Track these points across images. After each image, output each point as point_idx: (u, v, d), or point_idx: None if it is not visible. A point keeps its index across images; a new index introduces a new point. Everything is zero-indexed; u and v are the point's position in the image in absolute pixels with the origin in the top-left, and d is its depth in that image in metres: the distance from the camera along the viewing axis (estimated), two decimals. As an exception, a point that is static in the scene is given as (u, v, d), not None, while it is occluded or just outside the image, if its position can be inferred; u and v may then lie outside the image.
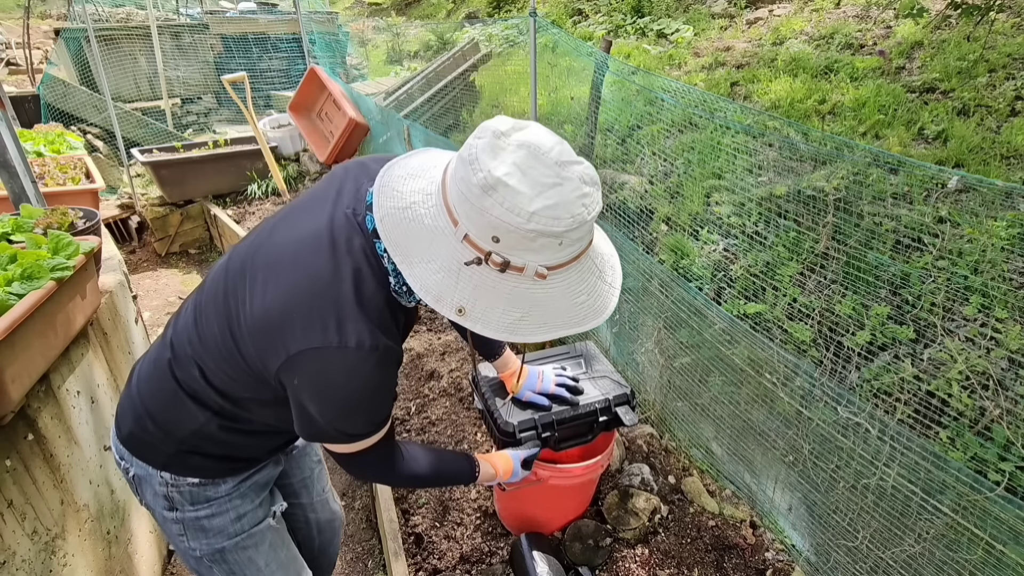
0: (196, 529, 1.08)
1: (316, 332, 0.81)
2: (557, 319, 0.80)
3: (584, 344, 1.80)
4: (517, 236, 0.72)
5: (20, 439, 1.26)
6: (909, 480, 1.45)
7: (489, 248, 0.74)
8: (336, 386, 0.85)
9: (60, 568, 1.31)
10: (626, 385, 1.63)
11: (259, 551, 1.15)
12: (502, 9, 8.09)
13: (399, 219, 0.80)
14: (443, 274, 0.77)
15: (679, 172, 2.80)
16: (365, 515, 2.18)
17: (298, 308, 0.83)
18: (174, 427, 1.01)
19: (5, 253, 1.36)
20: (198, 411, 0.99)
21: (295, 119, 5.19)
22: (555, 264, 0.77)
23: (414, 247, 0.78)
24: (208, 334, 0.94)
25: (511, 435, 1.48)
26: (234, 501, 1.10)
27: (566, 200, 0.72)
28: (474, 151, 0.74)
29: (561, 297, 0.80)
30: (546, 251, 0.75)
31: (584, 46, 2.71)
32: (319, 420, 0.89)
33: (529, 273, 0.76)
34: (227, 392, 0.97)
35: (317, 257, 0.85)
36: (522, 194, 0.71)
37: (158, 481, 1.04)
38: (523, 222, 0.71)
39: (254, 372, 0.90)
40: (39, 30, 9.93)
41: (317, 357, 0.81)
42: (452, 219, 0.76)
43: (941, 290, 1.82)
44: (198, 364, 0.97)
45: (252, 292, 0.88)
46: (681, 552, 1.80)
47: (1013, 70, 2.79)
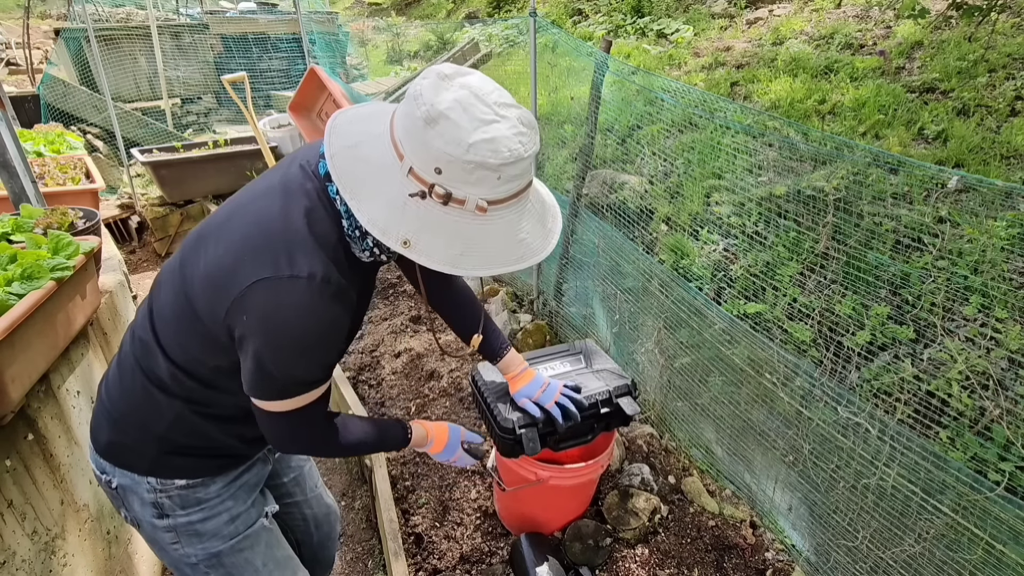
0: (190, 535, 1.06)
1: (267, 265, 0.81)
2: (497, 256, 0.84)
3: (585, 342, 1.79)
4: (457, 167, 0.76)
5: (20, 439, 1.26)
6: (909, 480, 1.45)
7: (432, 180, 0.78)
8: (287, 320, 0.82)
9: (60, 568, 1.31)
10: (627, 376, 1.62)
11: (255, 552, 1.14)
12: (502, 9, 8.09)
13: (348, 157, 0.83)
14: (389, 208, 0.80)
15: (679, 172, 2.80)
16: (365, 515, 2.18)
17: (248, 249, 0.83)
18: (150, 424, 0.99)
19: (5, 253, 1.36)
20: (170, 402, 0.97)
21: (295, 119, 5.18)
22: (495, 199, 0.80)
23: (362, 183, 0.81)
24: (165, 307, 0.95)
25: (511, 432, 1.48)
26: (226, 503, 1.08)
27: (503, 135, 0.77)
28: (419, 88, 0.78)
29: (501, 234, 0.83)
30: (485, 184, 0.78)
31: (584, 46, 2.71)
32: (266, 363, 0.85)
33: (470, 207, 0.79)
34: (189, 368, 0.95)
35: (268, 203, 0.87)
36: (462, 127, 0.75)
37: (145, 488, 1.01)
38: (462, 152, 0.75)
39: (209, 332, 0.89)
40: (39, 30, 9.93)
41: (267, 288, 0.81)
42: (398, 154, 0.80)
43: (941, 290, 1.82)
44: (160, 343, 0.95)
45: (205, 252, 0.88)
46: (681, 552, 1.80)
47: (1013, 70, 2.79)
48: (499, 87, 0.83)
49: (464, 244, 0.82)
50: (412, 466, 2.22)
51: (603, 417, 1.57)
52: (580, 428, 1.56)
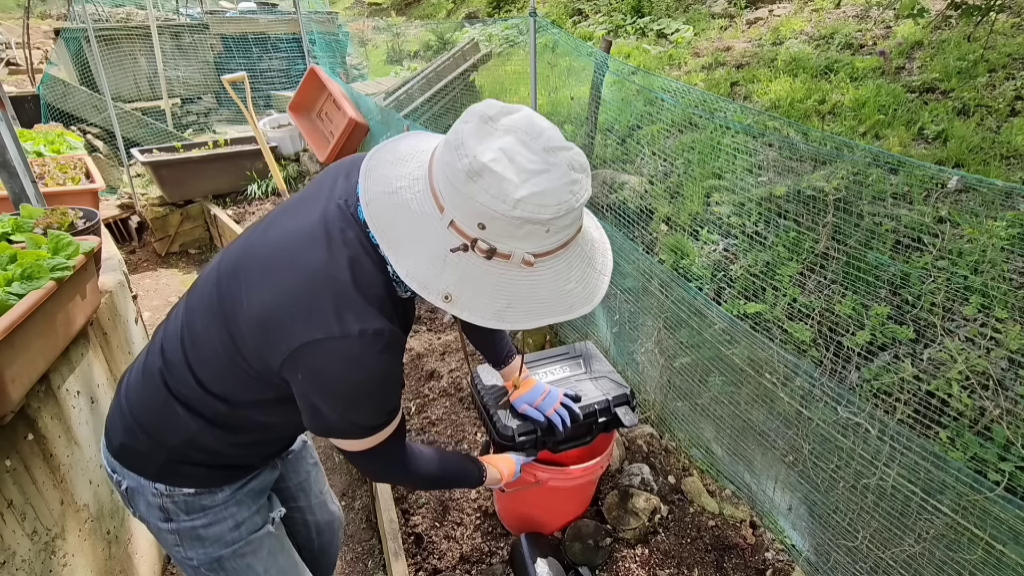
0: (192, 539, 1.06)
1: (317, 324, 0.79)
2: (545, 307, 0.79)
3: (584, 344, 1.80)
4: (503, 223, 0.71)
5: (20, 439, 1.26)
6: (909, 480, 1.45)
7: (475, 235, 0.73)
8: (342, 377, 0.82)
9: (60, 568, 1.31)
10: (626, 385, 1.63)
11: (257, 558, 1.13)
12: (502, 9, 8.10)
13: (386, 204, 0.78)
14: (429, 261, 0.76)
15: (679, 172, 2.80)
16: (365, 515, 2.18)
17: (296, 302, 0.81)
18: (165, 436, 0.99)
19: (5, 253, 1.36)
20: (191, 420, 0.97)
21: (295, 119, 5.19)
22: (542, 252, 0.76)
23: (401, 233, 0.77)
24: (204, 339, 0.93)
25: (510, 439, 1.48)
26: (230, 509, 1.08)
27: (554, 187, 0.71)
28: (460, 135, 0.72)
29: (549, 285, 0.79)
30: (533, 238, 0.74)
31: (584, 46, 2.71)
32: (328, 414, 0.87)
33: (516, 261, 0.75)
34: (227, 397, 0.95)
35: (312, 251, 0.83)
36: (508, 180, 0.70)
37: (151, 492, 1.02)
38: (509, 209, 0.69)
39: (256, 372, 0.89)
40: (39, 30, 9.93)
41: (320, 349, 0.79)
42: (438, 205, 0.75)
43: (941, 290, 1.82)
44: (192, 370, 0.95)
45: (248, 291, 0.86)
46: (681, 552, 1.80)
47: (1013, 70, 2.79)
48: (549, 125, 0.76)
49: (508, 298, 0.77)
50: (412, 466, 2.22)
51: (601, 424, 1.58)
52: (579, 430, 1.57)
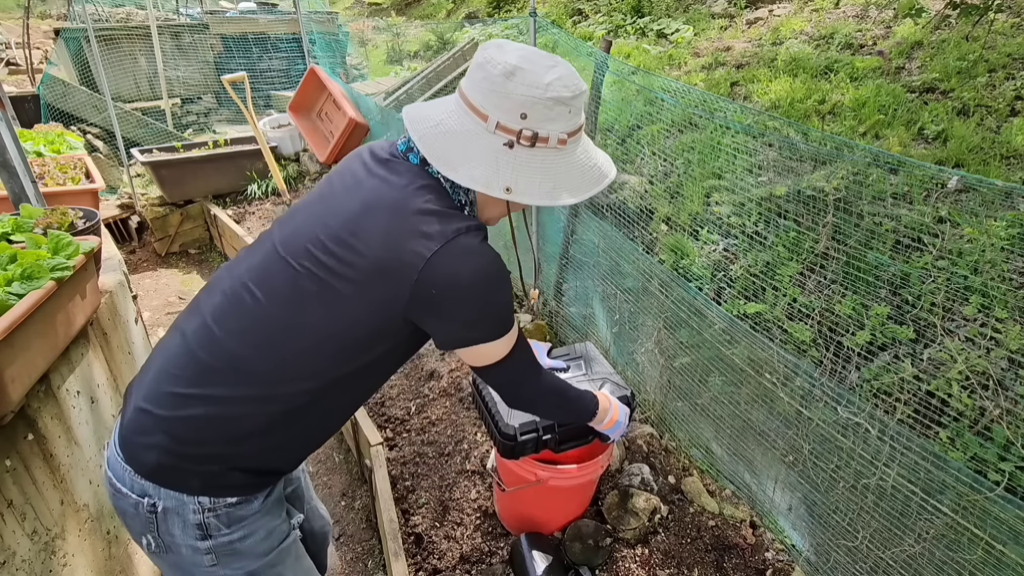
0: (229, 554, 1.04)
1: (433, 238, 0.90)
2: (581, 182, 0.98)
3: (584, 345, 1.79)
4: (540, 107, 0.90)
5: (20, 439, 1.26)
6: (909, 480, 1.45)
7: (519, 126, 0.91)
8: (471, 270, 0.91)
9: (60, 568, 1.31)
10: (626, 387, 1.61)
11: (286, 566, 1.13)
12: (502, 9, 8.09)
13: (435, 135, 0.95)
14: (485, 165, 0.92)
15: (679, 172, 2.79)
16: (365, 515, 2.18)
17: (402, 236, 0.91)
18: (228, 435, 0.97)
19: (5, 253, 1.36)
20: (262, 407, 0.97)
21: (295, 119, 5.19)
22: (570, 131, 0.95)
23: (455, 153, 0.93)
24: (281, 318, 0.95)
25: (512, 438, 1.49)
26: (263, 519, 1.07)
27: (568, 73, 0.92)
28: (485, 55, 0.92)
29: (581, 162, 0.98)
30: (561, 119, 0.92)
31: (584, 46, 2.71)
32: (471, 318, 0.95)
33: (553, 143, 0.93)
34: (327, 371, 0.97)
35: (394, 193, 0.95)
36: (537, 72, 0.90)
37: (193, 509, 0.98)
38: (542, 92, 0.89)
39: (375, 324, 0.94)
40: (39, 30, 9.93)
41: (445, 254, 0.89)
42: (481, 116, 0.92)
43: (941, 290, 1.82)
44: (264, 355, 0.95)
45: (346, 255, 0.92)
46: (681, 552, 1.80)
47: (1013, 70, 2.79)
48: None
49: (553, 180, 0.95)
50: (412, 466, 2.22)
51: None
52: (579, 431, 1.57)
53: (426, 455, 2.24)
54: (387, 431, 2.43)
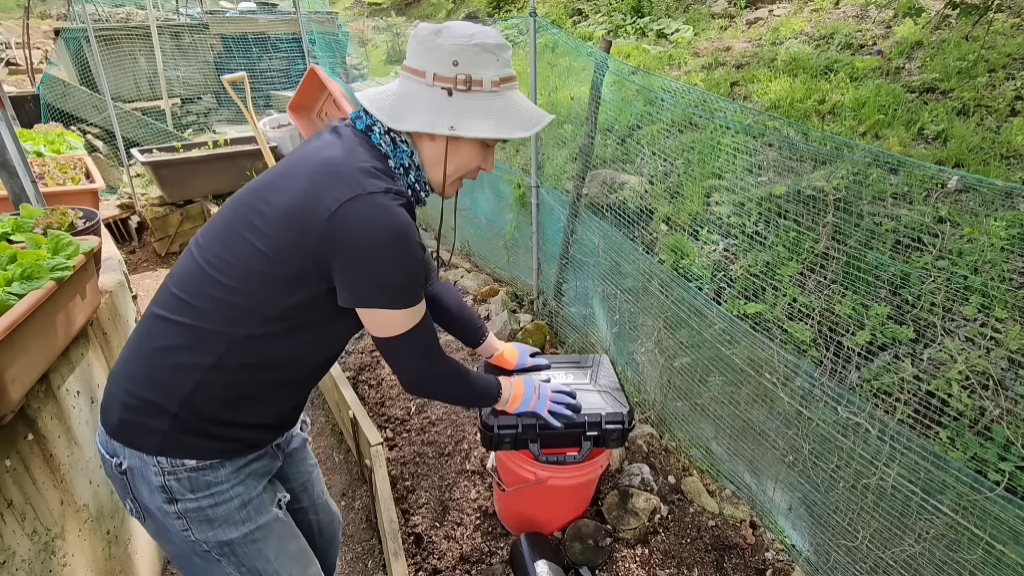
0: (200, 520, 1.07)
1: (348, 187, 0.96)
2: (521, 120, 1.08)
3: (599, 356, 1.76)
4: (468, 53, 1.02)
5: (20, 439, 1.26)
6: (909, 480, 1.45)
7: (453, 72, 1.03)
8: (377, 228, 0.96)
9: (60, 568, 1.31)
10: (625, 404, 1.56)
11: (268, 543, 1.15)
12: (502, 9, 8.09)
13: (382, 98, 1.08)
14: (429, 112, 1.05)
15: (679, 172, 2.79)
16: (365, 515, 2.18)
17: (324, 183, 0.98)
18: (173, 392, 1.01)
19: (5, 253, 1.36)
20: (201, 356, 1.01)
21: (295, 119, 5.18)
22: (502, 77, 1.06)
23: (399, 109, 1.06)
24: (217, 259, 1.01)
25: (490, 428, 1.48)
26: (236, 488, 1.09)
27: (491, 32, 1.05)
28: (418, 30, 1.06)
29: (516, 106, 1.09)
30: (491, 66, 1.05)
31: (584, 46, 2.71)
32: (372, 276, 0.99)
33: (487, 86, 1.05)
34: (253, 311, 1.01)
35: (327, 151, 1.04)
36: (462, 29, 1.04)
37: (154, 471, 1.02)
38: (467, 40, 1.02)
39: (291, 266, 0.98)
40: (39, 30, 9.92)
41: (355, 205, 0.95)
42: (419, 74, 1.06)
43: (941, 290, 1.82)
44: (203, 302, 1.01)
45: (271, 200, 1.00)
46: (681, 552, 1.80)
47: (1013, 70, 2.79)
48: None
49: (495, 118, 1.06)
50: (412, 466, 2.22)
51: (590, 437, 1.54)
52: (565, 439, 1.54)
53: (426, 455, 2.24)
54: (387, 431, 2.43)
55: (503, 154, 3.87)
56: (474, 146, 1.11)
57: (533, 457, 1.54)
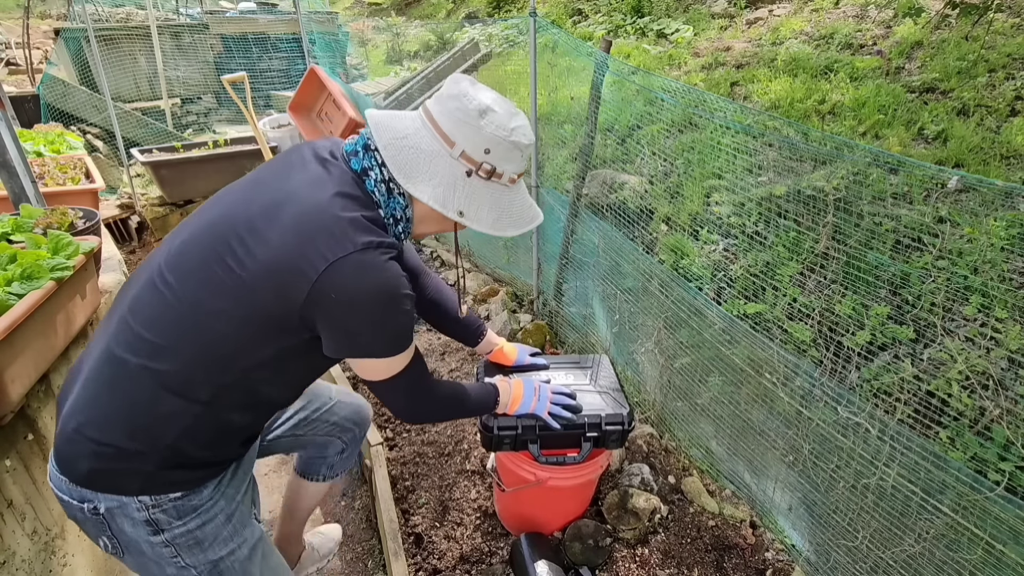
0: (190, 545, 1.04)
1: (338, 245, 0.91)
2: (521, 218, 1.10)
3: (599, 356, 1.76)
4: (503, 147, 1.01)
5: (20, 439, 1.26)
6: (909, 480, 1.45)
7: (481, 159, 1.01)
8: (367, 284, 0.93)
9: (60, 568, 1.31)
10: (625, 405, 1.56)
11: (253, 561, 1.13)
12: (502, 9, 8.09)
13: (400, 146, 1.00)
14: (444, 186, 1.01)
15: (679, 172, 2.79)
16: (365, 515, 2.18)
17: (314, 234, 0.92)
18: (156, 438, 0.96)
19: (5, 253, 1.36)
20: (187, 404, 0.96)
21: (295, 119, 5.18)
22: (518, 172, 1.07)
23: (415, 168, 1.00)
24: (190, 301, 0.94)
25: (489, 429, 1.48)
26: (219, 504, 1.07)
27: (526, 125, 1.05)
28: (461, 88, 1.01)
29: (520, 201, 1.10)
30: (515, 161, 1.05)
31: (584, 46, 2.71)
32: (361, 330, 0.98)
33: (505, 179, 1.05)
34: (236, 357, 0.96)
35: (317, 193, 0.96)
36: (504, 117, 1.01)
37: (135, 508, 0.98)
38: (507, 135, 1.01)
39: (272, 317, 0.93)
40: (39, 30, 9.92)
41: (345, 264, 0.91)
42: (447, 142, 1.00)
43: (941, 290, 1.82)
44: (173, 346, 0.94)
45: (252, 248, 0.92)
46: (681, 552, 1.80)
47: (1013, 70, 2.79)
48: None
49: (499, 211, 1.07)
50: (412, 466, 2.22)
51: (590, 438, 1.54)
52: (566, 440, 1.55)
53: (426, 455, 2.24)
54: (387, 431, 2.43)
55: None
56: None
57: (533, 458, 1.55)
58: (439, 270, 3.84)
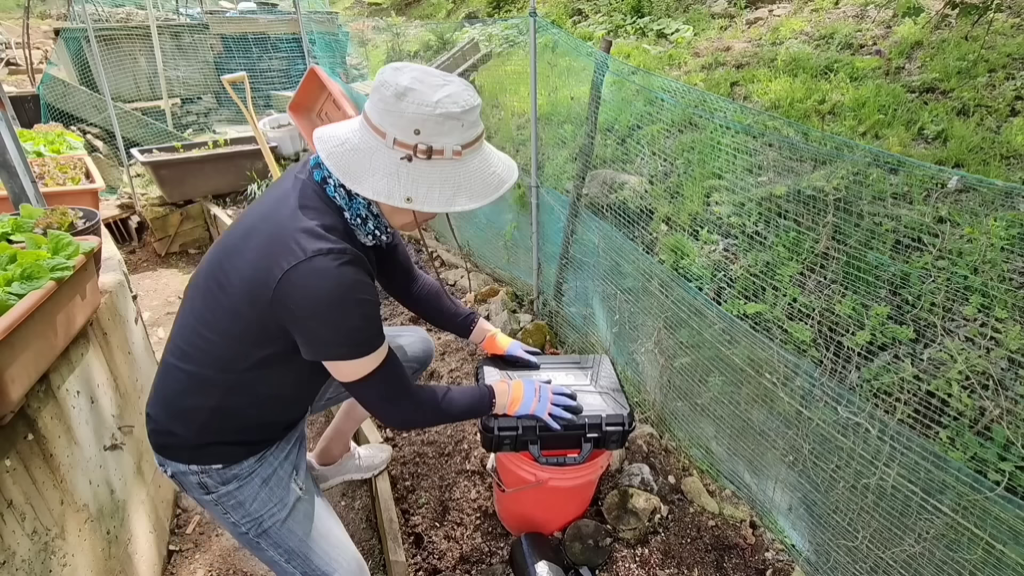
0: (233, 504, 1.24)
1: (288, 257, 1.00)
2: (481, 189, 1.05)
3: (600, 357, 1.76)
4: (431, 123, 0.98)
5: (20, 439, 1.26)
6: (909, 480, 1.45)
7: (415, 141, 0.99)
8: (320, 289, 1.00)
9: (60, 568, 1.31)
10: (626, 406, 1.56)
11: (295, 521, 1.28)
12: (502, 9, 8.09)
13: (340, 152, 1.03)
14: (386, 178, 1.01)
15: (679, 172, 2.79)
16: (365, 515, 2.18)
17: (271, 250, 1.02)
18: (186, 425, 1.19)
19: (5, 253, 1.36)
20: (204, 399, 1.16)
21: (295, 119, 5.17)
22: (465, 142, 1.02)
23: (358, 168, 1.02)
24: (205, 315, 1.12)
25: (490, 430, 1.48)
26: (257, 471, 1.26)
27: (457, 91, 1.00)
28: (381, 78, 1.00)
29: (479, 171, 1.05)
30: (455, 133, 1.00)
31: (584, 46, 2.71)
32: (323, 332, 1.05)
33: (448, 154, 1.01)
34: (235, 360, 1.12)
35: (281, 210, 1.06)
36: (426, 92, 0.98)
37: (189, 473, 1.22)
38: (431, 110, 0.97)
39: (260, 326, 1.07)
40: (39, 30, 9.92)
41: (295, 274, 0.99)
42: (379, 134, 1.01)
43: (941, 290, 1.82)
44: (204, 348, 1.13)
45: (236, 265, 1.07)
46: (681, 552, 1.80)
47: (1013, 70, 2.78)
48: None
49: (453, 188, 1.03)
50: (412, 466, 2.22)
51: (591, 439, 1.54)
52: (566, 441, 1.54)
53: (426, 455, 2.24)
54: (387, 431, 2.43)
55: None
56: None
57: (533, 459, 1.54)
58: (439, 270, 3.84)
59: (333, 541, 1.32)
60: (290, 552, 1.27)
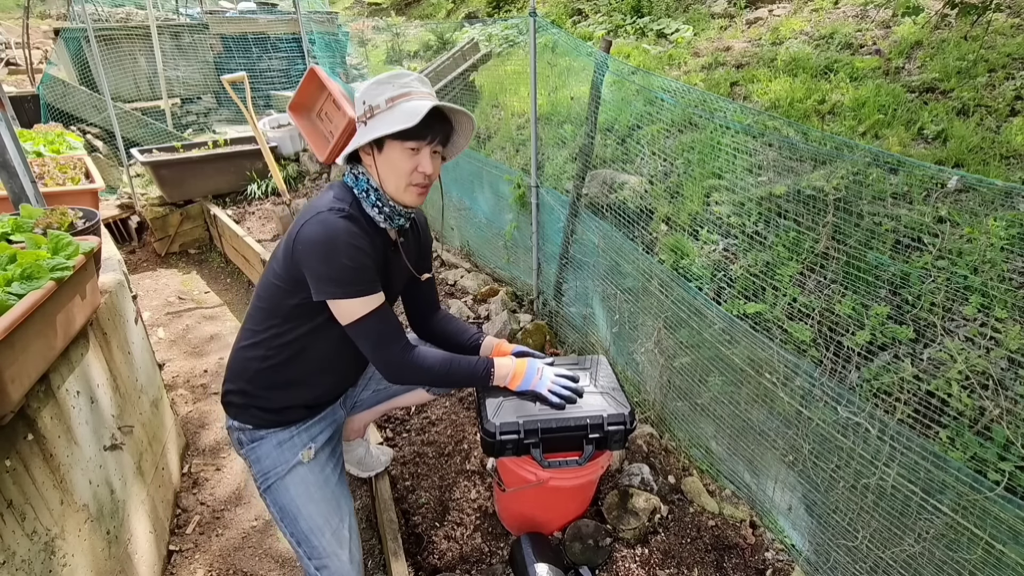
0: (254, 460, 1.49)
1: (306, 216, 1.34)
2: (405, 117, 1.28)
3: (597, 357, 1.77)
4: (370, 92, 1.35)
5: (20, 439, 1.26)
6: (909, 480, 1.45)
7: (363, 109, 1.37)
8: (320, 234, 1.29)
9: (60, 568, 1.31)
10: (627, 405, 1.56)
11: (292, 483, 1.46)
12: (502, 9, 8.08)
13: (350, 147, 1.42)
14: (353, 144, 1.38)
15: (679, 172, 2.79)
16: (365, 515, 2.18)
17: (302, 218, 1.35)
18: (240, 375, 1.47)
19: (5, 253, 1.36)
20: (255, 351, 1.44)
21: (295, 119, 5.17)
22: (392, 96, 1.33)
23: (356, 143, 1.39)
24: (259, 285, 1.46)
25: (491, 435, 1.48)
26: (274, 434, 1.49)
27: (397, 70, 1.36)
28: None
29: (408, 109, 1.31)
30: (386, 91, 1.33)
31: (584, 46, 2.71)
32: (323, 270, 1.29)
33: (383, 105, 1.33)
34: (275, 311, 1.41)
35: (316, 202, 1.39)
36: (376, 79, 1.37)
37: (233, 428, 1.51)
38: (370, 83, 1.37)
39: (288, 275, 1.36)
40: (39, 30, 9.92)
41: (307, 225, 1.31)
42: (357, 122, 1.39)
43: (941, 290, 1.82)
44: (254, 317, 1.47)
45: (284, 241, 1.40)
46: (681, 552, 1.80)
47: (1013, 70, 2.78)
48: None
49: (387, 124, 1.31)
50: (412, 466, 2.22)
51: (593, 440, 1.54)
52: (569, 442, 1.54)
53: (426, 455, 2.24)
54: (387, 431, 2.43)
55: (503, 154, 3.87)
56: (395, 152, 1.34)
57: (535, 461, 1.55)
58: (439, 270, 3.84)
59: (324, 510, 1.46)
60: (282, 510, 1.45)
